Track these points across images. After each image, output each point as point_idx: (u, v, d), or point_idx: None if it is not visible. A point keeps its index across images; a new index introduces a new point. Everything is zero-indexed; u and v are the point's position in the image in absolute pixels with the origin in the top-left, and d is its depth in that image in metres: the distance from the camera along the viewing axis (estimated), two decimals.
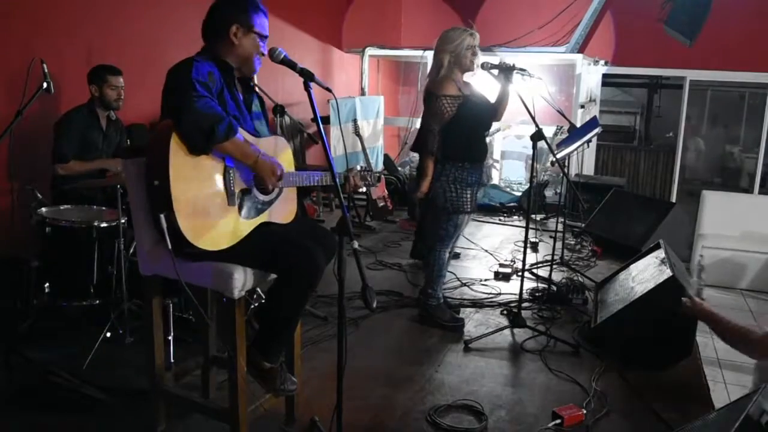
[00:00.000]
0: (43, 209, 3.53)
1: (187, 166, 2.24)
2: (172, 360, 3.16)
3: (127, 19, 4.79)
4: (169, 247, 2.21)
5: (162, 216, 2.19)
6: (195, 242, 2.25)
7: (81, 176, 3.83)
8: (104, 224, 3.49)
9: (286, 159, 2.61)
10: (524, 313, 3.94)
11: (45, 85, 3.13)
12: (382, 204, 6.64)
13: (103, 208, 3.72)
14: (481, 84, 3.96)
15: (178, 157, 2.21)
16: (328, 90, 2.34)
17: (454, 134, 3.72)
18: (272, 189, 2.49)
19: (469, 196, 3.80)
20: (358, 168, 2.74)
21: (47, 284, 3.47)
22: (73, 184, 3.75)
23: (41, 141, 3.90)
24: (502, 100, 3.83)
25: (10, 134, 3.02)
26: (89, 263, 3.49)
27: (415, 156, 5.28)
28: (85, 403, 2.87)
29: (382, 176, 2.95)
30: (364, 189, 2.81)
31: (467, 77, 3.86)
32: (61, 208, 3.64)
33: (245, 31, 2.48)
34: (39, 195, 3.58)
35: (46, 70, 3.13)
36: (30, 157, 4.01)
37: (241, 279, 2.34)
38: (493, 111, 3.85)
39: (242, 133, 2.37)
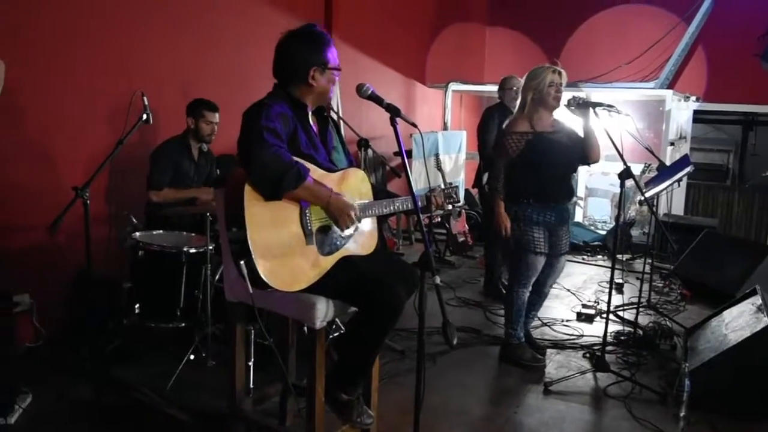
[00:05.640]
0: (137, 233, 3.68)
1: (263, 211, 2.25)
2: (251, 385, 3.21)
3: (221, 54, 5.03)
4: (250, 290, 2.22)
5: (242, 263, 2.21)
6: (275, 285, 2.26)
7: (173, 203, 3.97)
8: (193, 250, 3.61)
9: (364, 189, 2.60)
10: (608, 357, 3.79)
11: (145, 116, 3.26)
12: (462, 239, 6.60)
13: (193, 234, 3.85)
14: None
15: (253, 205, 2.23)
16: (414, 125, 2.35)
17: (518, 171, 3.71)
18: (346, 228, 2.45)
19: (536, 235, 3.70)
20: (440, 188, 2.72)
21: (137, 305, 3.61)
22: (165, 211, 3.89)
23: (138, 169, 4.09)
24: (587, 138, 3.73)
25: (110, 162, 3.18)
26: (177, 287, 3.60)
27: None
28: (168, 424, 2.95)
29: (463, 211, 2.93)
30: (450, 207, 2.76)
31: (558, 114, 3.80)
32: (154, 233, 3.79)
33: (322, 70, 2.47)
34: (134, 220, 3.75)
35: (146, 103, 3.26)
36: (127, 184, 4.22)
37: (323, 310, 2.37)
38: (579, 150, 3.75)
39: (314, 174, 2.33)
